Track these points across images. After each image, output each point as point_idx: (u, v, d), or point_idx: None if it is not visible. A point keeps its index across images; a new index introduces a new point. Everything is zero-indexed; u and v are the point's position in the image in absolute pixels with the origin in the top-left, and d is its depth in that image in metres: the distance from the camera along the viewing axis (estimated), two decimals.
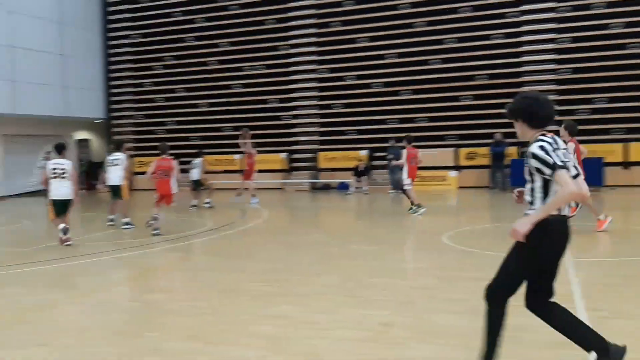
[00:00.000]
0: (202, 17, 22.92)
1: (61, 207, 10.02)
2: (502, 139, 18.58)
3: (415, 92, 20.61)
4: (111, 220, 12.23)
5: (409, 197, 12.90)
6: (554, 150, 3.36)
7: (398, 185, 18.47)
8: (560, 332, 3.57)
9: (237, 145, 22.40)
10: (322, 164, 21.26)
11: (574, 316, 3.64)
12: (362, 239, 10.26)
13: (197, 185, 15.78)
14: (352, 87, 21.31)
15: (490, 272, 3.67)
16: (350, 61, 21.24)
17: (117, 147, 12.42)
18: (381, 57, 20.92)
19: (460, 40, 20.20)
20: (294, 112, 22.26)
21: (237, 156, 21.95)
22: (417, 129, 20.64)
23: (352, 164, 20.01)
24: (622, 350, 3.48)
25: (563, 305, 3.62)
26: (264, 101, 22.36)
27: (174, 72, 23.47)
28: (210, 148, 22.70)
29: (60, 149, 10.39)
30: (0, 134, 20.88)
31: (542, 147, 3.36)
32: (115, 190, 12.04)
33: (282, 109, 22.33)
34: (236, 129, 22.59)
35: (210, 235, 10.84)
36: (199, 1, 22.83)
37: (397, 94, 20.79)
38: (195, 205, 15.43)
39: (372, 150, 20.79)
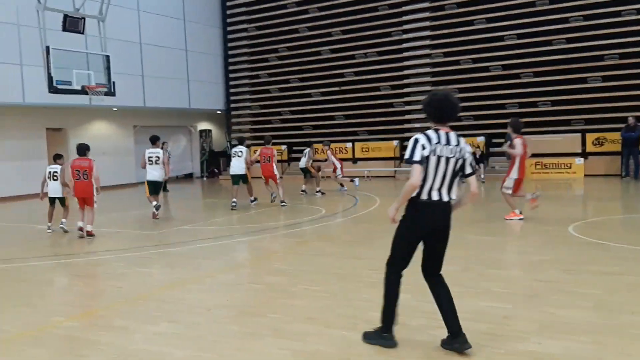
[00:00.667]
0: (315, 7, 23.19)
1: (153, 187, 11.87)
2: (636, 123, 17.05)
3: (537, 74, 19.46)
4: (234, 203, 13.19)
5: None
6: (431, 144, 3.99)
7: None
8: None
9: (349, 134, 22.64)
10: None
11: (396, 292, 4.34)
12: (479, 228, 9.88)
13: (305, 173, 16.25)
14: (468, 70, 20.56)
15: (623, 266, 3.36)
16: (465, 44, 20.49)
17: (240, 141, 14.11)
18: (500, 38, 19.96)
19: (587, 18, 18.74)
20: (407, 99, 21.93)
21: (349, 144, 22.07)
22: (539, 113, 19.52)
23: None
24: (392, 343, 4.30)
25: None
26: (377, 88, 22.23)
27: (287, 63, 24.02)
28: (322, 137, 23.05)
29: (154, 140, 12.10)
30: (131, 125, 22.59)
31: (415, 140, 4.04)
32: (238, 178, 13.51)
33: (394, 96, 22.08)
34: (348, 117, 22.76)
35: (324, 222, 11.00)
36: None
37: (517, 77, 19.75)
38: (304, 191, 15.91)
39: (489, 136, 19.96)
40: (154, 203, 11.68)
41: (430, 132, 4.06)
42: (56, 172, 10.54)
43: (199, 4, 24.36)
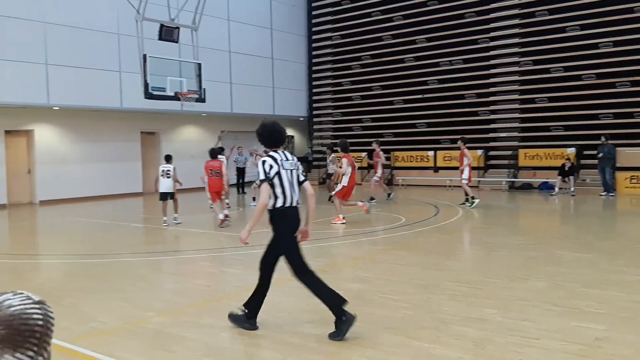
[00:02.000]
0: (399, 15, 23.10)
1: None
2: None
3: (634, 83, 18.35)
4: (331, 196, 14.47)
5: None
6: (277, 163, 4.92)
7: (609, 188, 16.67)
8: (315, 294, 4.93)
9: (431, 142, 22.32)
10: (523, 161, 20.04)
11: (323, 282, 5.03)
12: (570, 244, 9.45)
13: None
14: (559, 79, 19.72)
15: None
16: (557, 52, 19.67)
17: (167, 159, 13.47)
18: (594, 45, 19.01)
19: None
20: (492, 107, 21.33)
21: (430, 153, 21.76)
22: (635, 124, 18.38)
23: (556, 163, 18.54)
24: (256, 327, 5.02)
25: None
26: (461, 96, 21.79)
27: (370, 71, 24.05)
28: (404, 144, 22.89)
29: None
30: (219, 130, 23.39)
31: (263, 162, 4.92)
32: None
33: (479, 104, 21.55)
34: (430, 125, 22.45)
35: (405, 230, 10.90)
36: (398, 0, 23.06)
37: (612, 86, 18.72)
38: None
39: (581, 147, 19.03)
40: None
41: (273, 153, 5.01)
42: (169, 170, 11.83)
43: (285, 13, 24.93)
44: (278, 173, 4.89)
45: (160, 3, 15.03)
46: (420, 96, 22.65)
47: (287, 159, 5.04)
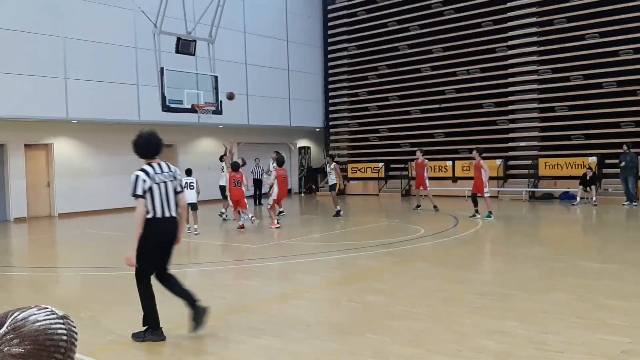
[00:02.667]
0: (416, 25, 23.06)
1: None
2: None
3: None
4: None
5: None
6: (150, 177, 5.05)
7: (632, 197, 16.35)
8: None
9: (449, 152, 22.16)
10: (543, 171, 19.78)
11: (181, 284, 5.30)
12: (593, 255, 9.26)
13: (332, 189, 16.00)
14: (579, 87, 19.48)
15: None
16: (576, 60, 19.46)
17: (332, 158, 15.25)
18: (614, 53, 18.77)
19: None
20: (511, 117, 21.14)
21: (449, 163, 21.60)
22: None
23: (577, 172, 18.26)
24: (163, 337, 5.11)
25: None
26: (479, 106, 21.62)
27: (387, 81, 24.00)
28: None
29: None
30: (235, 142, 23.51)
31: (136, 176, 5.06)
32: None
33: (497, 114, 21.37)
34: (448, 134, 22.30)
35: (424, 242, 10.78)
36: (414, 9, 23.01)
37: (634, 94, 18.44)
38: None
39: (602, 156, 18.74)
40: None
41: (147, 167, 5.10)
42: (192, 182, 12.41)
43: (301, 25, 25.04)
44: (150, 188, 5.02)
45: (177, 17, 15.18)
46: (437, 106, 22.53)
47: (163, 171, 5.15)
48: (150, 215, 5.03)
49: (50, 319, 1.25)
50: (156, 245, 5.15)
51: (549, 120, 20.24)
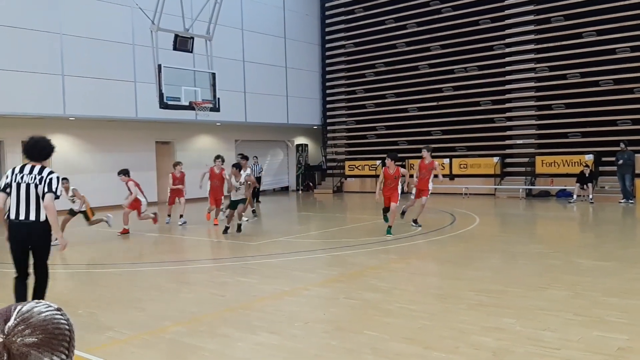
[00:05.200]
0: (413, 23, 23.06)
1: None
2: None
3: None
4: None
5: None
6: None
7: (628, 195, 16.40)
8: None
9: (446, 150, 22.18)
10: (540, 169, 19.83)
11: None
12: (590, 252, 9.29)
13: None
14: (576, 85, 19.52)
15: None
16: (573, 57, 19.49)
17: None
18: (611, 51, 18.80)
19: None
20: (508, 114, 21.17)
21: (446, 160, 21.61)
22: None
23: (574, 170, 18.31)
24: None
25: None
26: (477, 103, 21.65)
27: (384, 79, 24.02)
28: (419, 152, 22.73)
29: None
30: (232, 139, 23.52)
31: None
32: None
33: (495, 111, 21.40)
34: (445, 132, 22.33)
35: (421, 239, 10.80)
36: (412, 7, 23.01)
37: (630, 92, 18.48)
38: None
39: (599, 154, 18.79)
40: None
41: (17, 166, 5.32)
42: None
43: (299, 22, 25.01)
44: (9, 185, 5.23)
45: (175, 13, 15.15)
46: (434, 103, 22.55)
47: (30, 173, 5.26)
48: (5, 215, 5.29)
49: (51, 311, 1.31)
50: (10, 245, 5.38)
51: (546, 118, 20.28)
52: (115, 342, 5.06)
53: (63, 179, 10.43)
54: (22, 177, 5.25)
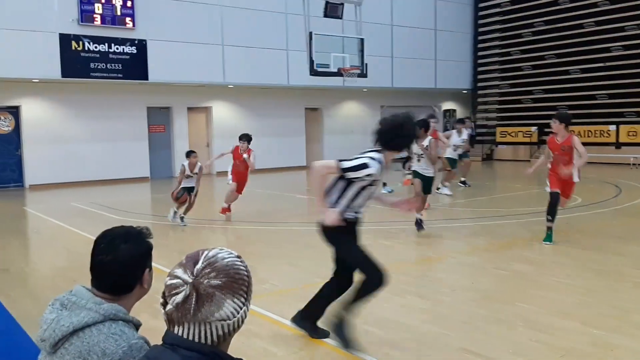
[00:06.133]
0: None
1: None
2: None
3: None
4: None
5: None
6: None
7: None
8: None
9: (613, 115, 20.19)
10: None
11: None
12: None
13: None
14: None
15: None
16: None
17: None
18: None
19: None
20: None
21: (612, 127, 19.73)
22: None
23: None
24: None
25: None
26: None
27: (543, 39, 22.31)
28: (581, 118, 21.00)
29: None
30: (378, 105, 23.52)
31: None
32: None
33: None
34: (612, 96, 20.31)
35: (580, 212, 10.06)
36: None
37: None
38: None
39: None
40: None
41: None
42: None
43: None
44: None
45: None
46: (601, 64, 20.53)
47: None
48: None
49: (233, 257, 1.44)
50: None
51: None
52: (272, 294, 5.43)
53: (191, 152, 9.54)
54: None
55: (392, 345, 4.14)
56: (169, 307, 1.38)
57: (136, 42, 16.31)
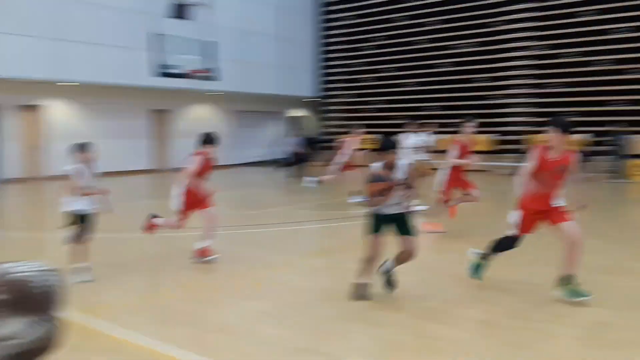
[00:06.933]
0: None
1: None
2: None
3: None
4: None
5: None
6: None
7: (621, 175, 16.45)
8: None
9: (441, 125, 22.11)
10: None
11: None
12: None
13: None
14: (575, 64, 19.48)
15: None
16: (573, 36, 19.42)
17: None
18: (612, 31, 18.70)
19: None
20: (505, 92, 21.16)
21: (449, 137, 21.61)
22: None
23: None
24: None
25: None
26: (473, 80, 21.60)
27: (383, 52, 23.89)
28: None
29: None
30: (232, 109, 23.47)
31: None
32: None
33: (492, 88, 21.38)
34: (443, 108, 22.31)
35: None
36: None
37: (627, 72, 18.45)
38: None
39: (595, 134, 18.82)
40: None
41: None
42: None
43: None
44: None
45: None
46: (432, 79, 22.48)
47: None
48: None
49: (36, 271, 1.29)
50: None
51: (544, 97, 20.27)
52: (109, 307, 5.14)
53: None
54: None
55: (236, 350, 4.16)
56: None
57: None
